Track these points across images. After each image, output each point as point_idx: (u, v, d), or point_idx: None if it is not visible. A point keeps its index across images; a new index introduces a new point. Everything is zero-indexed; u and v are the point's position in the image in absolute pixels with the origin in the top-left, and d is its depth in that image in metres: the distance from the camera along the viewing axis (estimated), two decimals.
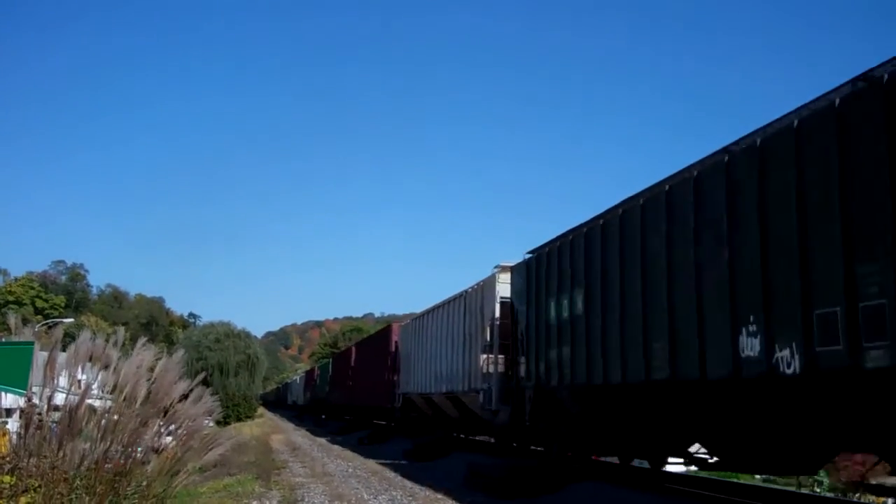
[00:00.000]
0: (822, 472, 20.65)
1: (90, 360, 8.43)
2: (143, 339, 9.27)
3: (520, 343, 17.66)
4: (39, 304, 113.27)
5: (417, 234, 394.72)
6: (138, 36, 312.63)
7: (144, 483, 8.45)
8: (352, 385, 44.88)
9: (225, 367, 60.33)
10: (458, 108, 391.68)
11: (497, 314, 19.67)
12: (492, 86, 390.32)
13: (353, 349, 47.19)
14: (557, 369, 14.99)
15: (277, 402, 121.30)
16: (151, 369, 9.26)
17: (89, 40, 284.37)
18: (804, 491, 17.50)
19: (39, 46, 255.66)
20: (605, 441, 15.05)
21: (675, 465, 15.84)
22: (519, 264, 18.18)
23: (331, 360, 62.63)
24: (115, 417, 8.33)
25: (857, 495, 19.98)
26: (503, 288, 19.53)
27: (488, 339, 20.01)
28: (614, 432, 14.29)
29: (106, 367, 8.77)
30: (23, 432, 8.01)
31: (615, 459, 16.25)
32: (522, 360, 17.40)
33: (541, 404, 16.29)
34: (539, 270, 16.46)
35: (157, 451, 9.46)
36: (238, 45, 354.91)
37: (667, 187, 11.25)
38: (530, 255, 17.43)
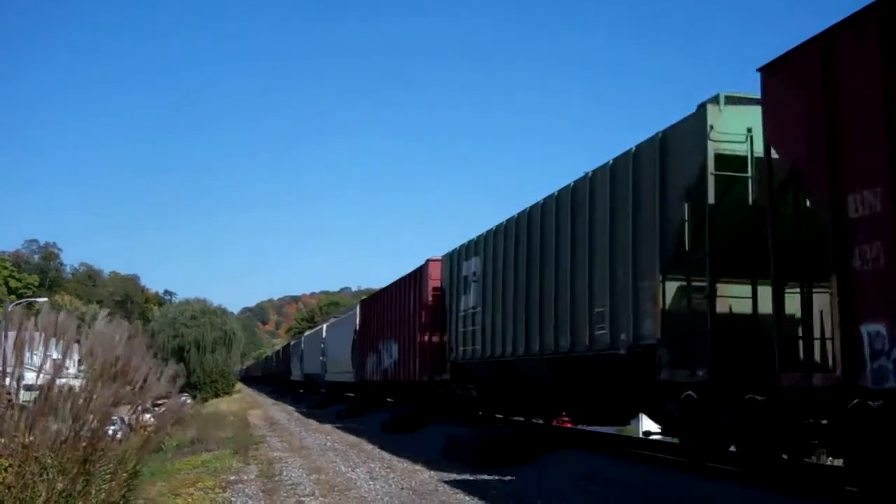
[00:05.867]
0: None
1: (54, 335, 8.36)
2: (104, 311, 9.19)
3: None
4: (13, 283, 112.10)
5: (392, 206, 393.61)
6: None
7: (115, 461, 8.41)
8: None
9: (201, 343, 60.33)
10: (442, 82, 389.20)
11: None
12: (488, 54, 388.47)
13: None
14: None
15: (266, 377, 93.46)
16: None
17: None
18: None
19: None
20: None
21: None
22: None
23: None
24: (84, 395, 8.27)
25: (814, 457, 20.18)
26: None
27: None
28: None
29: (75, 342, 8.72)
30: None
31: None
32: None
33: None
34: None
35: (132, 427, 9.43)
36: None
37: None
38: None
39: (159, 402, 10.97)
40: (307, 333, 62.37)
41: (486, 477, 13.02)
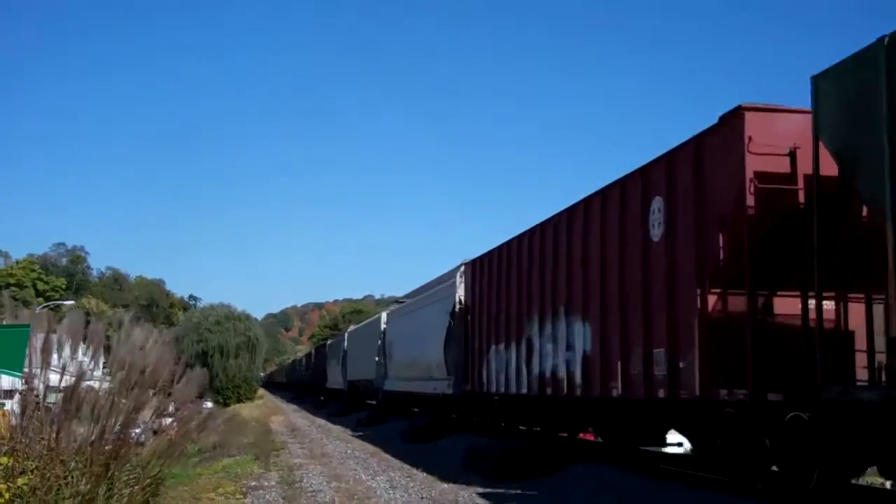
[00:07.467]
0: None
1: (84, 340, 8.48)
2: (131, 313, 9.31)
3: None
4: (41, 286, 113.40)
5: (417, 214, 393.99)
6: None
7: (139, 465, 8.50)
8: None
9: (225, 349, 60.67)
10: (471, 90, 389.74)
11: None
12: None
13: None
14: None
15: (293, 384, 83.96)
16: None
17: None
18: None
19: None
20: None
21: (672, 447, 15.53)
22: None
23: None
24: (111, 399, 8.37)
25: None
26: None
27: None
28: None
29: (104, 348, 8.82)
30: (21, 414, 8.06)
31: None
32: None
33: None
34: None
35: (155, 432, 9.51)
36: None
37: None
38: None
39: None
40: (351, 329, 48.88)
41: (506, 489, 12.99)
